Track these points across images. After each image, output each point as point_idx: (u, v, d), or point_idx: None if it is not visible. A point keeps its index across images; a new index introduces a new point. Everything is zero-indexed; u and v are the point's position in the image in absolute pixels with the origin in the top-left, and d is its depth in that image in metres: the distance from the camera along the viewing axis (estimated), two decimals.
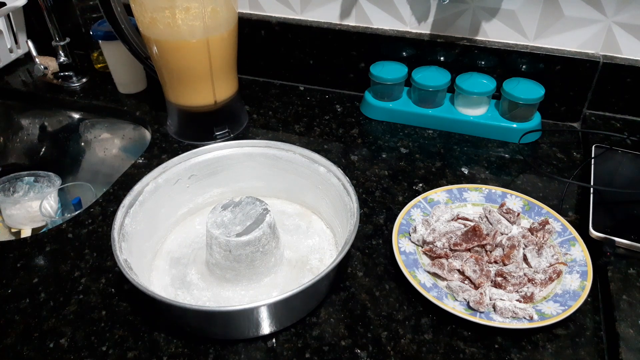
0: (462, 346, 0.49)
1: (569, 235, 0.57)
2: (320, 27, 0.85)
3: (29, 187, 0.81)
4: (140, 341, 0.50)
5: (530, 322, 0.48)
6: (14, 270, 0.57)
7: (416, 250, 0.57)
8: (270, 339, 0.50)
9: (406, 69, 0.79)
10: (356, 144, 0.77)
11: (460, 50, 0.79)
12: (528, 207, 0.62)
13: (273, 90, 0.90)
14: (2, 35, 0.93)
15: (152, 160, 0.74)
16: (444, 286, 0.54)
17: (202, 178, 0.62)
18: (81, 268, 0.57)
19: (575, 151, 0.74)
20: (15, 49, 0.98)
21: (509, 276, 0.52)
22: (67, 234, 0.62)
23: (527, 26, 0.76)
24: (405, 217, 0.60)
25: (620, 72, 0.74)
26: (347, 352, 0.48)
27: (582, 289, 0.51)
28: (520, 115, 0.75)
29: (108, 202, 0.67)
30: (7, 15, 0.93)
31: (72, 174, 0.92)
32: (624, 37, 0.74)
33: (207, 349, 0.49)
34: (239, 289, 0.53)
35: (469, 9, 0.77)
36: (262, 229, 0.52)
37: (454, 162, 0.73)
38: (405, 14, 0.81)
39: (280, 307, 0.47)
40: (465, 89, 0.75)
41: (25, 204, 0.78)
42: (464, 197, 0.64)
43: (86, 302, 0.54)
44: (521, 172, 0.71)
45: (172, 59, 0.69)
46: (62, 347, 0.49)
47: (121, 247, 0.50)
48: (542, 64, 0.77)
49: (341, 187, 0.57)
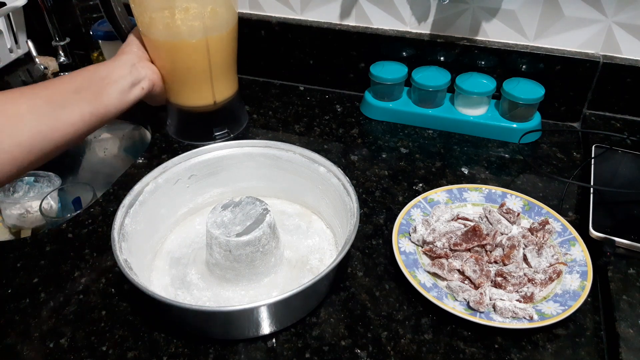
0: (462, 346, 0.49)
1: (569, 235, 0.57)
2: (320, 27, 0.85)
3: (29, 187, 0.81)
4: (140, 341, 0.50)
5: (530, 322, 0.48)
6: (14, 270, 0.57)
7: (416, 250, 0.57)
8: (270, 339, 0.50)
9: (406, 69, 0.79)
10: (356, 144, 0.77)
11: (460, 50, 0.79)
12: (528, 207, 0.62)
13: (273, 90, 0.90)
14: (2, 35, 0.93)
15: (152, 161, 0.74)
16: (444, 286, 0.54)
17: (202, 178, 0.62)
18: (81, 268, 0.57)
19: (575, 151, 0.74)
20: (15, 49, 0.98)
21: (509, 276, 0.52)
22: (67, 234, 0.62)
23: (527, 26, 0.76)
24: (405, 217, 0.60)
25: (620, 72, 0.74)
26: (347, 352, 0.48)
27: (582, 289, 0.51)
28: (520, 115, 0.75)
29: (108, 202, 0.67)
30: (7, 15, 0.93)
31: (72, 174, 0.92)
32: (624, 37, 0.74)
33: (207, 349, 0.49)
34: (239, 289, 0.53)
35: (469, 9, 0.77)
36: (262, 229, 0.52)
37: (454, 162, 0.73)
38: (405, 14, 0.81)
39: (280, 307, 0.47)
40: (465, 89, 0.75)
41: (25, 204, 0.78)
42: (464, 197, 0.64)
43: (86, 302, 0.54)
44: (521, 172, 0.71)
45: (172, 59, 0.69)
46: (62, 347, 0.49)
47: (121, 247, 0.50)
48: (542, 64, 0.77)
49: (341, 187, 0.57)
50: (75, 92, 0.60)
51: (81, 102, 0.60)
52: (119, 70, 0.66)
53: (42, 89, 0.58)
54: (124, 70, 0.66)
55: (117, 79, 0.65)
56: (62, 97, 0.59)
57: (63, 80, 0.61)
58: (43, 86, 0.59)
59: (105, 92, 0.63)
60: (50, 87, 0.59)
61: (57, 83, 0.60)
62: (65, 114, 0.58)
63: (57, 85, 0.60)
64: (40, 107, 0.56)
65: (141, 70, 0.68)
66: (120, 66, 0.66)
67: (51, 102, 0.57)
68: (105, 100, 0.63)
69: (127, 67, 0.67)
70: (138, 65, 0.68)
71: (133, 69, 0.67)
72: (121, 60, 0.68)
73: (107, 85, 0.64)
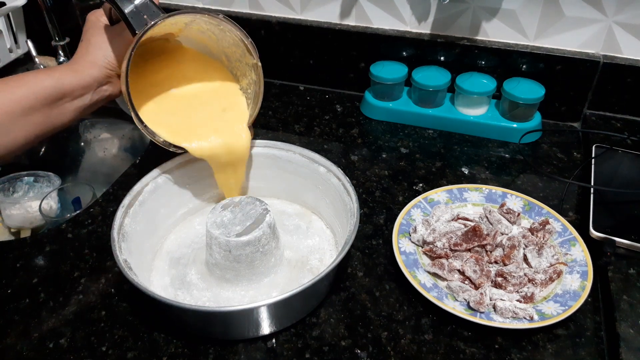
0: (462, 346, 0.49)
1: (569, 235, 0.57)
2: (320, 27, 0.84)
3: (28, 187, 0.81)
4: (140, 341, 0.50)
5: (531, 323, 0.48)
6: (14, 270, 0.57)
7: (416, 250, 0.57)
8: (270, 339, 0.50)
9: (406, 69, 0.79)
10: (356, 144, 0.77)
11: (461, 50, 0.79)
12: (528, 207, 0.62)
13: (273, 90, 0.90)
14: (2, 35, 0.93)
15: (151, 161, 0.73)
16: (444, 286, 0.54)
17: (202, 178, 0.62)
18: (81, 268, 0.57)
19: (576, 151, 0.74)
20: (15, 49, 0.98)
21: (509, 276, 0.52)
22: (66, 234, 0.62)
23: (528, 26, 0.76)
24: (405, 217, 0.60)
25: (621, 72, 0.74)
26: (347, 353, 0.48)
27: (583, 289, 0.51)
28: (521, 115, 0.75)
29: (108, 202, 0.67)
30: (7, 15, 0.93)
31: (72, 174, 0.92)
32: (625, 37, 0.73)
33: (207, 349, 0.49)
34: (239, 289, 0.53)
35: (469, 8, 0.77)
36: (262, 229, 0.52)
37: (454, 162, 0.73)
38: (405, 13, 0.81)
39: (280, 307, 0.47)
40: (465, 89, 0.75)
41: (25, 204, 0.78)
42: (464, 197, 0.64)
43: (86, 302, 0.54)
44: (521, 172, 0.71)
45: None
46: (62, 347, 0.49)
47: (121, 247, 0.50)
48: (543, 63, 0.77)
49: (341, 187, 0.57)
50: (23, 114, 0.51)
51: (28, 126, 0.52)
52: (82, 90, 0.55)
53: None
54: (89, 89, 0.56)
55: (78, 96, 0.55)
56: (9, 118, 0.51)
57: (15, 93, 0.51)
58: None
59: (61, 111, 0.55)
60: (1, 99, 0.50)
61: (10, 96, 0.51)
62: (8, 138, 0.51)
63: (8, 101, 0.51)
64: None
65: (107, 89, 0.58)
66: (84, 85, 0.55)
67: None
68: (57, 120, 0.55)
69: (92, 85, 0.56)
70: (104, 86, 0.58)
71: (99, 89, 0.57)
72: (85, 76, 0.55)
73: (64, 104, 0.55)
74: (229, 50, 0.61)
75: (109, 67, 0.57)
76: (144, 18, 0.51)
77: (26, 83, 0.52)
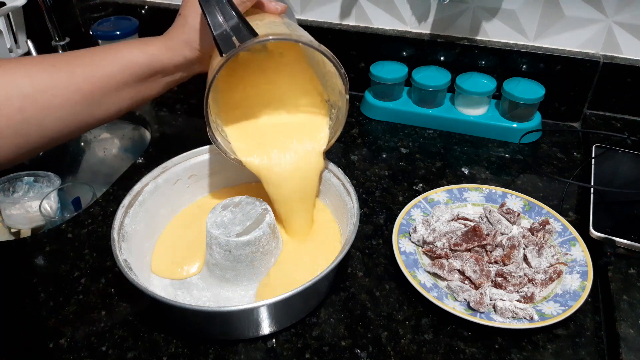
0: (462, 346, 0.49)
1: (569, 235, 0.57)
2: (320, 27, 0.84)
3: (28, 187, 0.81)
4: (140, 341, 0.50)
5: (531, 322, 0.48)
6: (14, 270, 0.57)
7: (416, 250, 0.57)
8: (270, 339, 0.50)
9: (406, 69, 0.79)
10: (356, 144, 0.77)
11: (461, 50, 0.79)
12: (528, 207, 0.62)
13: None
14: (2, 35, 0.93)
15: (151, 161, 0.74)
16: (444, 286, 0.54)
17: (202, 178, 0.62)
18: (81, 268, 0.57)
19: (576, 151, 0.74)
20: (15, 49, 0.98)
21: (509, 276, 0.52)
22: (66, 234, 0.62)
23: (528, 26, 0.76)
24: (405, 217, 0.60)
25: (621, 72, 0.74)
26: (347, 353, 0.48)
27: (583, 289, 0.51)
28: (521, 115, 0.75)
29: (108, 202, 0.67)
30: (7, 15, 0.93)
31: (72, 174, 0.92)
32: (624, 37, 0.73)
33: (207, 349, 0.49)
34: (239, 289, 0.53)
35: (469, 8, 0.77)
36: (262, 229, 0.52)
37: (454, 162, 0.73)
38: (405, 13, 0.81)
39: (280, 307, 0.47)
40: (465, 89, 0.75)
41: (25, 204, 0.78)
42: (464, 197, 0.64)
43: (86, 302, 0.54)
44: (521, 172, 0.71)
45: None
46: (62, 347, 0.49)
47: (121, 247, 0.50)
48: (543, 63, 0.77)
49: (341, 187, 0.57)
50: (117, 89, 0.53)
51: (120, 100, 0.54)
52: (174, 69, 0.57)
53: (86, 79, 0.51)
54: (180, 68, 0.57)
55: (170, 73, 0.57)
56: (101, 93, 0.52)
57: (108, 68, 0.53)
58: (88, 71, 0.52)
59: (152, 86, 0.56)
60: (95, 74, 0.52)
61: (104, 71, 0.52)
62: (100, 110, 0.53)
63: (101, 76, 0.52)
64: (76, 103, 0.51)
65: (198, 67, 0.59)
66: (176, 64, 0.56)
67: (88, 97, 0.51)
68: (148, 93, 0.56)
69: (184, 64, 0.57)
70: (195, 65, 0.58)
71: (190, 68, 0.58)
72: (178, 55, 0.56)
73: (156, 80, 0.56)
74: (325, 70, 0.58)
75: (202, 51, 0.56)
76: (233, 41, 0.48)
77: (121, 60, 0.53)
